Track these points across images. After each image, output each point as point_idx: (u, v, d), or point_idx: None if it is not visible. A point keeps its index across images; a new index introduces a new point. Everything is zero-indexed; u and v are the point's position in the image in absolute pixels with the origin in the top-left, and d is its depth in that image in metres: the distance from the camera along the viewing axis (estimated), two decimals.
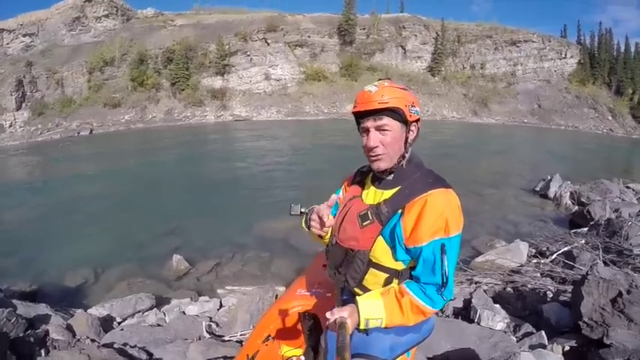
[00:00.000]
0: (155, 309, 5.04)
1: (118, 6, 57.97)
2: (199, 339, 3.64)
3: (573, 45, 64.52)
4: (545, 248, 6.07)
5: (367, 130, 1.39)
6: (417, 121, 1.44)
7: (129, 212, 10.07)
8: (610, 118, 57.12)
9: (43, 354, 3.30)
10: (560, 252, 5.52)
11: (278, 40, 51.05)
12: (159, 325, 4.36)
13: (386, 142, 1.38)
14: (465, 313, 3.63)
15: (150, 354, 3.37)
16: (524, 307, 3.87)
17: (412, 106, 1.39)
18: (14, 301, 4.45)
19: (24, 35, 58.48)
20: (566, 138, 37.63)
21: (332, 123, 37.29)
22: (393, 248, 1.39)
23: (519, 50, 59.85)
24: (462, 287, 4.41)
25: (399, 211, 1.37)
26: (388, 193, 1.44)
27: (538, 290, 4.26)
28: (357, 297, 1.37)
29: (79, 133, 39.58)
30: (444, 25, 57.41)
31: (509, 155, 22.28)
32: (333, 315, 1.25)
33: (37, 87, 46.06)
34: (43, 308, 4.47)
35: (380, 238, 1.40)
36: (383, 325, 1.33)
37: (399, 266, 1.42)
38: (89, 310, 4.79)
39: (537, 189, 11.86)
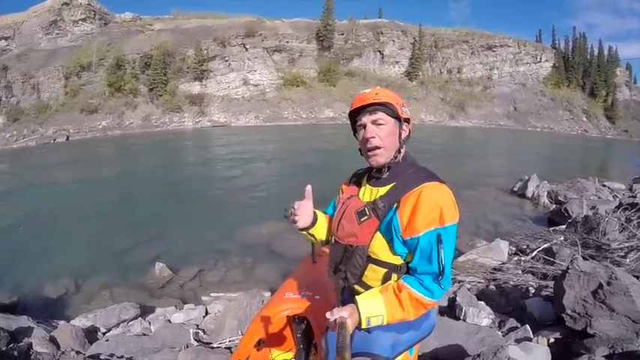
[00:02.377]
0: (140, 318, 4.94)
1: (95, 10, 57.91)
2: (187, 347, 3.59)
3: (548, 49, 67.04)
4: (525, 246, 6.17)
5: (364, 126, 1.51)
6: (408, 121, 1.57)
7: (108, 221, 9.99)
8: (584, 119, 59.71)
9: None
10: (540, 249, 5.64)
11: (256, 45, 51.60)
12: (144, 334, 4.29)
13: (381, 135, 1.47)
14: (450, 311, 3.72)
15: None
16: (507, 303, 4.03)
17: (403, 106, 1.53)
18: None
19: (0, 38, 58.48)
20: (542, 139, 38.81)
21: (311, 128, 37.82)
22: (391, 242, 1.44)
23: (495, 55, 62.01)
24: None
25: (396, 205, 1.43)
26: (383, 190, 1.50)
27: (520, 286, 4.42)
28: (357, 296, 1.40)
29: (55, 139, 38.84)
30: (422, 31, 58.97)
31: (486, 157, 22.76)
32: (333, 315, 1.28)
33: (13, 92, 45.47)
34: (24, 320, 4.33)
35: (377, 233, 1.46)
36: (384, 323, 1.36)
37: (397, 260, 1.46)
38: (72, 322, 4.73)
39: (515, 189, 12.17)
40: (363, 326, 1.35)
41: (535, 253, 5.58)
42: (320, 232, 1.77)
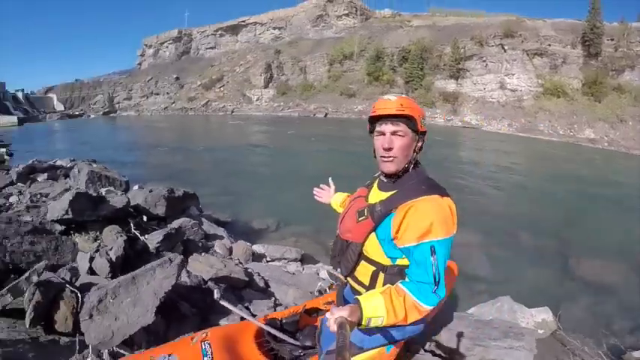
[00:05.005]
0: (298, 262, 5.89)
1: (357, 6, 63.97)
2: (311, 293, 4.08)
3: None
4: None
5: (383, 133, 1.56)
6: (424, 133, 1.62)
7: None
8: None
9: (202, 254, 4.52)
10: None
11: (515, 46, 48.37)
12: (291, 272, 5.09)
13: (399, 147, 1.54)
14: None
15: (267, 285, 4.21)
16: None
17: (423, 119, 1.59)
18: (205, 220, 6.22)
19: (274, 28, 69.91)
20: None
21: (566, 148, 31.99)
22: (383, 245, 1.55)
23: None
24: None
25: (392, 212, 1.51)
26: (385, 195, 1.60)
27: None
28: (359, 297, 1.41)
29: (314, 114, 45.73)
30: None
31: None
32: (333, 315, 1.26)
33: (283, 71, 55.13)
34: (221, 232, 6.13)
35: (372, 234, 1.57)
36: (383, 324, 1.38)
37: (387, 262, 1.58)
38: (251, 244, 5.89)
39: None
40: (363, 326, 1.36)
41: None
42: (336, 207, 2.33)
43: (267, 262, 5.25)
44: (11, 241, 3.46)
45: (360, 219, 1.60)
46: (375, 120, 1.59)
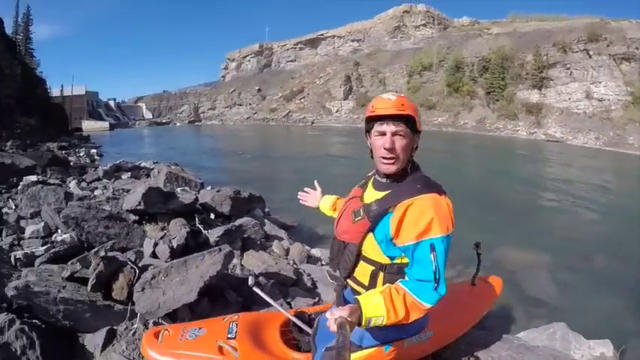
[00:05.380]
0: None
1: (434, 15, 64.19)
2: None
3: None
4: None
5: (383, 134, 1.54)
6: (420, 132, 1.64)
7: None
8: None
9: (258, 251, 4.76)
10: None
11: (601, 51, 44.90)
12: None
13: (400, 147, 1.54)
14: None
15: (315, 286, 4.23)
16: None
17: (419, 118, 1.59)
18: (267, 221, 6.28)
19: (352, 40, 72.22)
20: None
21: None
22: (381, 244, 1.55)
23: None
24: None
25: (390, 211, 1.52)
26: (380, 194, 1.61)
27: None
28: (358, 297, 1.42)
29: None
30: None
31: None
32: (333, 315, 1.28)
33: (362, 83, 56.98)
34: (282, 234, 6.02)
35: (370, 234, 1.57)
36: (384, 324, 1.39)
37: (386, 260, 1.58)
38: (310, 247, 5.83)
39: None
40: (363, 326, 1.37)
41: None
42: (325, 210, 2.31)
43: (322, 265, 5.21)
44: (89, 223, 4.07)
45: (356, 219, 1.62)
46: (373, 119, 1.58)
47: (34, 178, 8.12)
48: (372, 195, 1.67)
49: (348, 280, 1.72)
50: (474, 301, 2.83)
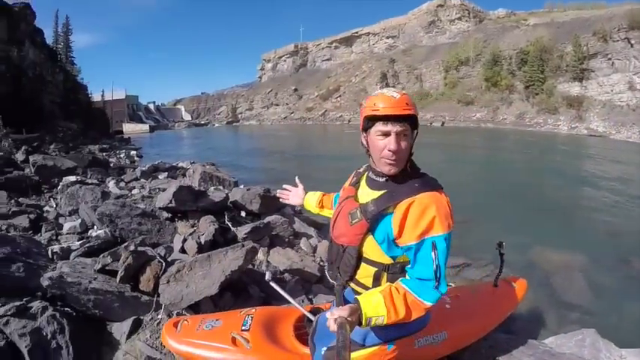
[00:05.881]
0: None
1: (469, 8, 63.39)
2: None
3: None
4: None
5: (387, 134, 1.46)
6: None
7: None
8: None
9: (285, 248, 4.77)
10: None
11: None
12: None
13: (405, 148, 1.49)
14: None
15: None
16: None
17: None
18: (297, 219, 6.29)
19: (387, 37, 72.51)
20: None
21: None
22: (382, 244, 1.52)
23: None
24: None
25: (390, 211, 1.48)
26: (377, 194, 1.56)
27: None
28: (358, 297, 1.42)
29: (431, 123, 45.60)
30: None
31: None
32: (333, 315, 1.28)
33: (399, 80, 57.24)
34: (311, 231, 6.01)
35: (369, 235, 1.54)
36: (384, 323, 1.39)
37: (388, 261, 1.55)
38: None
39: None
40: (364, 326, 1.38)
41: None
42: (310, 208, 2.25)
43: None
44: (122, 220, 4.24)
45: (353, 221, 1.57)
46: (376, 118, 1.47)
47: (73, 178, 8.39)
48: (367, 194, 1.63)
49: (351, 284, 1.68)
50: (495, 303, 2.77)
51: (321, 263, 4.56)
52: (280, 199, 2.40)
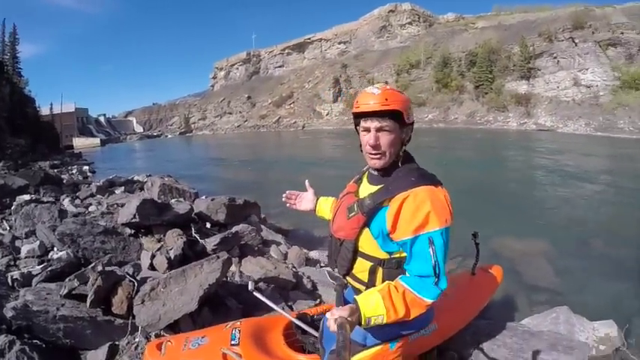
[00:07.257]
0: None
1: (419, 13, 65.12)
2: None
3: None
4: None
5: (368, 130, 1.49)
6: (412, 124, 1.57)
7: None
8: None
9: (256, 257, 4.74)
10: None
11: (586, 38, 45.19)
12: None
13: (386, 143, 1.48)
14: None
15: (315, 288, 4.26)
16: None
17: (409, 110, 1.52)
18: (264, 227, 6.37)
19: (339, 43, 73.16)
20: None
21: None
22: (378, 239, 1.51)
23: None
24: None
25: (385, 205, 1.48)
26: (374, 188, 1.56)
27: None
28: (357, 296, 1.42)
29: None
30: None
31: None
32: (333, 315, 1.28)
33: (352, 85, 57.88)
34: (279, 238, 6.10)
35: (365, 229, 1.53)
36: (384, 322, 1.37)
37: (384, 256, 1.53)
38: (308, 250, 5.83)
39: None
40: (363, 326, 1.36)
41: None
42: (324, 214, 2.09)
43: (321, 267, 5.16)
44: (84, 239, 4.08)
45: (350, 215, 1.58)
46: (359, 115, 1.52)
47: (27, 197, 8.12)
48: (366, 189, 1.63)
49: (348, 278, 1.69)
50: (475, 291, 2.82)
51: (294, 269, 4.65)
52: (287, 205, 2.23)
